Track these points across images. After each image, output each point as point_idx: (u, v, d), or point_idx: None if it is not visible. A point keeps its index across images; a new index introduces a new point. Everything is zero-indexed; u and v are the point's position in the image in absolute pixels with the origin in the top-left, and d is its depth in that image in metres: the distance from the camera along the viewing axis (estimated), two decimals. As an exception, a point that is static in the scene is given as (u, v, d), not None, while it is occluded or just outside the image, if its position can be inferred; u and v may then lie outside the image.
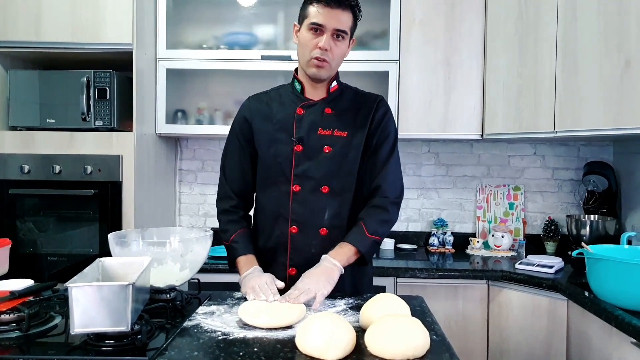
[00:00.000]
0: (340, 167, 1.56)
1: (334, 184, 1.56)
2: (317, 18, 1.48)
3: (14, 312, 1.19)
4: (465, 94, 2.58)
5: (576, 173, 2.85)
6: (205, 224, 3.00)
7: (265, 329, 1.20)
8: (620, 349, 1.63)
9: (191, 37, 2.78)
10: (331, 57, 1.51)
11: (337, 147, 1.56)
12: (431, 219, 2.95)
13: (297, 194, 1.56)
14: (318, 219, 1.56)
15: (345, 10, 1.49)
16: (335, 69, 1.57)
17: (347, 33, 1.52)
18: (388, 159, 1.59)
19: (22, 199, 2.37)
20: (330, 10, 1.47)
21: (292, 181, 1.56)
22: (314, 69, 1.53)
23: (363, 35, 2.64)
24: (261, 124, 1.61)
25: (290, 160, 1.56)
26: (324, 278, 1.40)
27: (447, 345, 1.11)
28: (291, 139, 1.56)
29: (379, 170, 1.58)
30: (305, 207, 1.56)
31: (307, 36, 1.51)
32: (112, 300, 1.03)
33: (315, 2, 1.49)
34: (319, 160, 1.55)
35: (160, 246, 1.35)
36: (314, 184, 1.55)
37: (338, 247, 1.49)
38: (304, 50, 1.54)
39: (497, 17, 2.53)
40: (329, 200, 1.56)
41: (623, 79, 2.02)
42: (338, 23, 1.49)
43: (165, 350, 1.07)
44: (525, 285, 2.19)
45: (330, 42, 1.49)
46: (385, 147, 1.59)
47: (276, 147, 1.58)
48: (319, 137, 1.56)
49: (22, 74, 2.42)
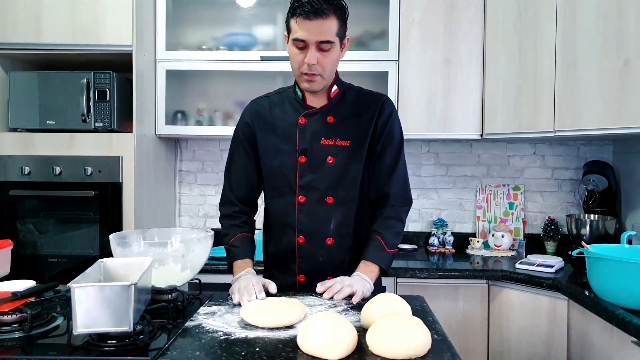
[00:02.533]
0: (344, 177, 1.54)
1: (339, 194, 1.55)
2: (299, 33, 1.42)
3: (16, 313, 1.20)
4: (464, 93, 2.58)
5: (576, 172, 2.86)
6: (205, 224, 3.00)
7: (267, 328, 1.20)
8: (621, 348, 1.63)
9: (191, 38, 2.78)
10: (320, 69, 1.45)
11: (340, 157, 1.54)
12: (431, 219, 2.95)
13: (303, 204, 1.55)
14: (324, 229, 1.55)
15: (326, 19, 1.40)
16: (329, 78, 1.52)
17: (334, 40, 1.44)
18: (395, 164, 1.56)
19: (22, 200, 2.37)
20: (309, 23, 1.39)
21: (297, 192, 1.55)
22: (305, 84, 1.50)
23: (362, 35, 2.64)
24: (264, 133, 1.59)
25: (294, 171, 1.55)
26: (361, 283, 1.44)
27: (449, 344, 1.12)
28: (295, 150, 1.55)
29: (386, 177, 1.56)
30: (311, 217, 1.55)
31: (293, 51, 1.47)
32: (114, 301, 1.03)
33: (295, 15, 1.41)
34: (323, 171, 1.54)
35: (161, 247, 1.35)
36: (318, 195, 1.54)
37: (364, 266, 1.51)
38: (293, 65, 1.51)
39: (497, 17, 2.53)
40: (334, 210, 1.55)
41: (622, 79, 2.03)
42: (320, 34, 1.41)
43: (167, 351, 1.07)
44: (525, 285, 2.19)
45: (316, 55, 1.43)
46: (391, 152, 1.56)
47: (281, 159, 1.56)
48: (322, 148, 1.54)
49: (22, 75, 2.42)
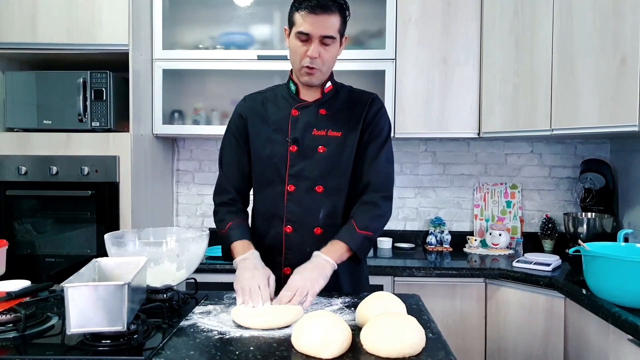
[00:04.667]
0: (335, 166, 1.56)
1: (329, 183, 1.56)
2: (304, 27, 1.46)
3: (10, 313, 1.20)
4: (461, 92, 2.58)
5: (573, 171, 2.86)
6: (202, 224, 3.00)
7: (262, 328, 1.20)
8: (617, 346, 1.63)
9: (187, 37, 2.78)
10: (321, 63, 1.50)
11: (331, 147, 1.56)
12: (428, 217, 2.95)
13: (292, 193, 1.56)
14: (313, 218, 1.56)
15: (331, 15, 1.46)
16: (327, 73, 1.57)
17: (336, 37, 1.50)
18: (378, 154, 1.58)
19: (19, 200, 2.37)
20: (315, 17, 1.44)
21: (287, 181, 1.56)
22: (305, 77, 1.54)
23: (359, 34, 2.64)
24: (256, 124, 1.62)
25: (285, 160, 1.56)
26: (316, 273, 1.38)
27: (443, 342, 1.12)
28: (286, 140, 1.57)
29: (368, 166, 1.57)
30: (300, 206, 1.56)
31: (295, 44, 1.50)
32: (108, 300, 1.03)
33: (301, 9, 1.46)
34: (314, 160, 1.56)
35: (156, 246, 1.35)
36: (308, 184, 1.56)
37: (329, 245, 1.47)
38: (294, 58, 1.54)
39: (493, 16, 2.53)
40: (323, 199, 1.56)
41: (619, 77, 2.03)
42: (325, 29, 1.46)
43: (161, 350, 1.07)
44: (522, 283, 2.19)
45: (319, 49, 1.48)
46: (375, 143, 1.58)
47: (272, 148, 1.58)
48: (313, 138, 1.56)
49: (18, 75, 2.42)
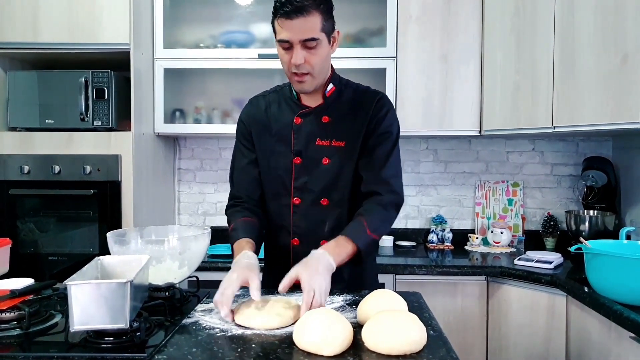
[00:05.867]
0: (339, 179, 1.52)
1: (333, 196, 1.53)
2: (282, 34, 1.38)
3: (14, 311, 1.20)
4: (462, 90, 2.58)
5: (575, 168, 2.85)
6: (204, 222, 3.01)
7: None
8: (619, 344, 1.63)
9: (188, 36, 2.78)
10: (309, 67, 1.41)
11: (335, 159, 1.51)
12: (430, 215, 2.95)
13: (298, 206, 1.55)
14: (319, 231, 1.54)
15: (308, 16, 1.35)
16: (320, 76, 1.47)
17: (319, 37, 1.39)
18: (387, 158, 1.51)
19: (22, 199, 2.38)
20: (291, 22, 1.35)
21: (292, 194, 1.54)
22: (296, 85, 1.47)
23: (360, 32, 2.63)
24: (260, 135, 1.58)
25: (290, 172, 1.54)
26: (322, 276, 1.25)
27: (444, 340, 1.12)
28: (289, 151, 1.53)
29: (377, 171, 1.50)
30: (306, 219, 1.54)
31: (280, 52, 1.43)
32: (110, 298, 1.04)
33: (278, 16, 1.37)
34: (318, 173, 1.52)
35: (158, 244, 1.35)
36: (313, 197, 1.53)
37: (336, 242, 1.38)
38: (283, 67, 1.46)
39: (494, 13, 2.53)
40: (329, 212, 1.54)
41: (620, 74, 2.02)
42: (303, 33, 1.36)
43: (164, 347, 1.08)
44: (524, 281, 2.19)
45: (302, 54, 1.39)
46: (384, 146, 1.51)
47: (276, 160, 1.55)
48: (317, 148, 1.52)
49: (20, 74, 2.43)
